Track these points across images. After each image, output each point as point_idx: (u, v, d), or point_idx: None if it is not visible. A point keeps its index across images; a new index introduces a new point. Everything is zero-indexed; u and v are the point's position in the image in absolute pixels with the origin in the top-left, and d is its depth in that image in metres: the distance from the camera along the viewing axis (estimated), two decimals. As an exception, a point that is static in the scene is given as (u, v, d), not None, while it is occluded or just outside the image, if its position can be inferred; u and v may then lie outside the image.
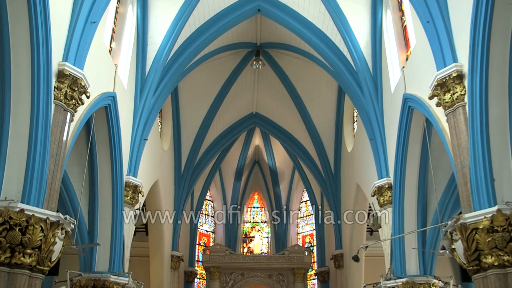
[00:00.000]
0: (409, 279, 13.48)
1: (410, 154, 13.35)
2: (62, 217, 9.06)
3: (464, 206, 9.13)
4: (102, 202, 13.76)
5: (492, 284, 8.21)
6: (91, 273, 13.51)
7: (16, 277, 8.36)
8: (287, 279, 23.48)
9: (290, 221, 29.36)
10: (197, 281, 27.13)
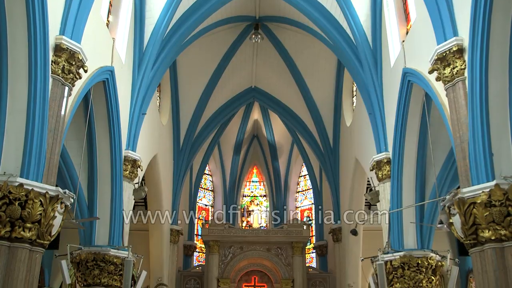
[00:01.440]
0: (406, 253, 13.58)
1: (409, 128, 13.34)
2: (61, 191, 9.09)
3: (462, 180, 9.16)
4: (101, 177, 13.77)
5: (488, 258, 8.28)
6: (91, 247, 13.60)
7: (17, 251, 8.41)
8: (286, 252, 23.68)
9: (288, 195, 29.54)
10: (196, 254, 27.37)
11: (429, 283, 13.68)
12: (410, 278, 13.48)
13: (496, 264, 8.12)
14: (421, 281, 13.50)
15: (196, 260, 27.33)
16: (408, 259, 13.54)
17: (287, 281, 23.10)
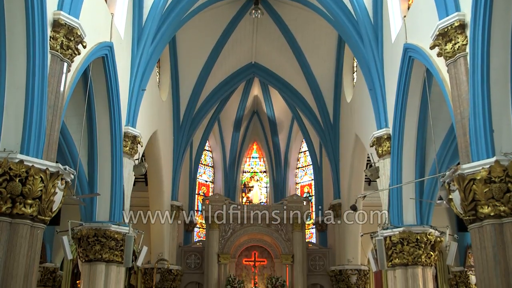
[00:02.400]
0: (405, 229, 13.67)
1: (409, 104, 13.30)
2: (62, 167, 9.11)
3: (463, 157, 9.16)
4: (101, 153, 13.79)
5: (487, 234, 8.32)
6: (92, 223, 13.68)
7: (18, 227, 8.46)
8: (286, 228, 23.81)
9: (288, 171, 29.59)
10: (196, 230, 27.52)
11: (428, 259, 13.80)
12: (409, 253, 13.60)
13: (494, 240, 8.18)
14: (420, 257, 13.62)
15: (197, 235, 27.49)
16: (407, 235, 13.63)
17: (287, 256, 23.28)
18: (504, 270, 8.01)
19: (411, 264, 13.65)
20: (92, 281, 13.45)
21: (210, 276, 23.02)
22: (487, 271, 8.23)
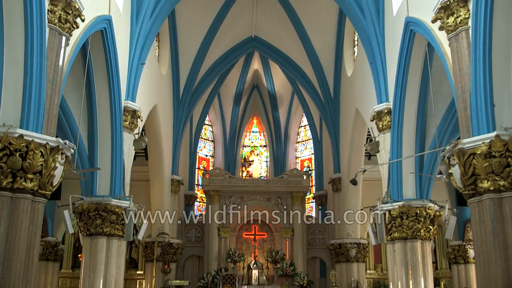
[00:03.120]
0: (405, 203, 13.73)
1: (410, 79, 13.25)
2: (62, 142, 9.10)
3: (463, 131, 9.15)
4: (101, 128, 13.78)
5: (486, 208, 8.36)
6: (92, 197, 13.75)
7: (19, 201, 8.49)
8: (286, 202, 23.89)
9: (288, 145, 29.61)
10: (197, 204, 27.64)
11: (427, 233, 13.89)
12: (409, 227, 13.68)
13: (493, 214, 8.22)
14: (419, 231, 13.71)
15: (197, 209, 27.63)
16: (406, 209, 13.70)
17: (287, 230, 23.42)
18: (502, 243, 8.07)
19: (410, 238, 13.75)
20: (93, 255, 13.57)
21: (211, 249, 23.20)
22: (486, 245, 8.28)
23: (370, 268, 24.73)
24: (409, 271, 13.71)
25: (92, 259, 13.57)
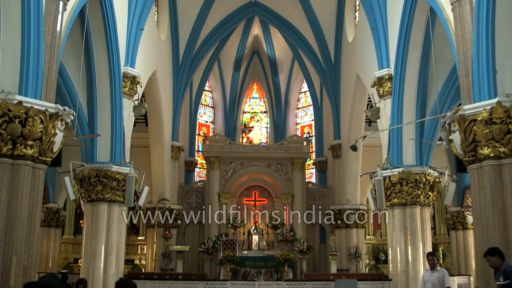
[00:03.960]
0: (405, 169, 13.78)
1: (412, 44, 13.13)
2: (61, 108, 9.08)
3: (464, 97, 9.11)
4: (100, 94, 13.72)
5: (486, 174, 8.38)
6: (93, 164, 13.79)
7: (20, 168, 8.53)
8: (286, 168, 23.97)
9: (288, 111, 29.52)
10: (197, 170, 27.72)
11: (426, 199, 13.97)
12: (408, 193, 13.76)
13: (493, 181, 8.25)
14: (418, 197, 13.79)
15: (197, 176, 27.72)
16: (406, 175, 13.75)
17: (287, 196, 23.54)
18: (501, 210, 8.12)
19: (409, 204, 13.85)
20: (95, 221, 13.68)
21: (211, 215, 23.35)
22: (485, 211, 8.34)
23: (369, 233, 24.96)
24: (408, 237, 13.85)
25: (93, 225, 13.69)
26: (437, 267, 10.13)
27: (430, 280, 9.97)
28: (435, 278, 9.92)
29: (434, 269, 10.10)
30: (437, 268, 10.11)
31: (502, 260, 7.57)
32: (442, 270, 10.18)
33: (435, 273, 10.01)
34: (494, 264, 7.59)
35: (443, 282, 9.83)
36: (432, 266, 10.14)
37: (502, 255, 7.62)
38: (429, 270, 10.22)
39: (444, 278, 9.87)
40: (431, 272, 10.12)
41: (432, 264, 10.13)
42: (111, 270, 13.62)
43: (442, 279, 9.85)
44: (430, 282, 9.95)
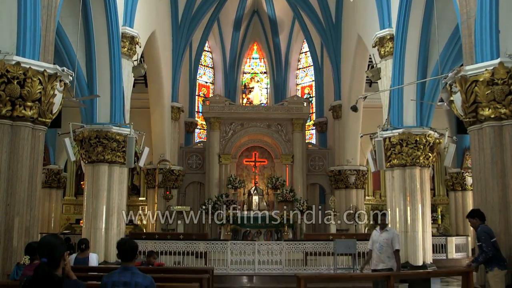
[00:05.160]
0: (405, 130, 13.76)
1: (414, 4, 12.93)
2: (60, 69, 8.99)
3: (466, 58, 9.00)
4: (99, 54, 13.58)
5: (486, 136, 8.36)
6: (93, 125, 13.76)
7: (19, 129, 8.50)
8: (286, 129, 24.00)
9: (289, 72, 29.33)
10: (197, 131, 27.75)
11: (426, 160, 14.01)
12: (408, 154, 13.78)
13: (493, 142, 8.22)
14: (418, 158, 13.82)
15: (198, 136, 27.76)
16: (406, 136, 13.75)
17: (287, 157, 23.64)
18: (500, 171, 8.13)
19: (409, 165, 13.88)
20: (95, 182, 13.74)
21: (211, 176, 23.50)
22: (484, 172, 8.35)
23: (368, 194, 25.18)
24: (407, 198, 13.93)
25: (94, 186, 13.76)
26: (387, 228, 9.57)
27: (379, 241, 9.37)
28: (383, 239, 9.34)
29: (383, 229, 9.49)
30: (386, 228, 9.54)
31: (481, 222, 8.01)
32: (392, 231, 9.63)
33: (384, 234, 9.41)
34: (474, 226, 8.12)
35: (392, 244, 9.25)
36: (381, 227, 9.55)
37: (483, 217, 8.04)
38: (379, 230, 9.56)
39: (393, 239, 9.29)
40: (380, 233, 9.49)
41: (382, 225, 9.54)
42: (112, 231, 13.76)
43: (391, 241, 9.27)
44: (378, 243, 9.36)
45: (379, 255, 9.28)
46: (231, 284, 13.71)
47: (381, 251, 9.27)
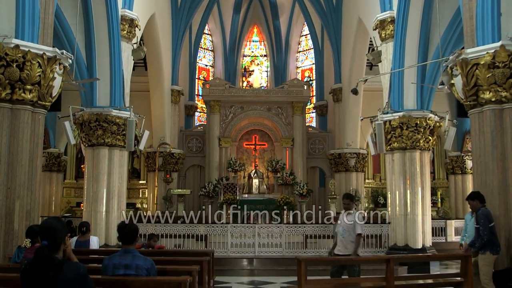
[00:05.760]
0: (405, 113, 13.75)
1: (415, -14, 12.86)
2: (59, 52, 8.95)
3: (467, 41, 8.95)
4: (98, 37, 13.51)
5: (487, 119, 8.35)
6: (93, 108, 13.74)
7: (19, 112, 8.50)
8: (286, 112, 23.97)
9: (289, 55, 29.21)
10: (197, 114, 27.71)
11: (426, 143, 14.01)
12: (408, 138, 13.78)
13: (494, 125, 8.22)
14: (418, 141, 13.82)
15: (198, 120, 27.74)
16: (407, 119, 13.74)
17: (287, 140, 23.65)
18: (500, 154, 8.13)
19: (409, 148, 13.89)
20: (96, 165, 13.76)
21: (212, 159, 23.53)
22: (484, 156, 8.35)
23: (368, 177, 25.23)
24: (407, 181, 13.96)
25: (94, 169, 13.78)
26: (350, 211, 9.05)
27: (342, 225, 8.94)
28: (347, 222, 8.90)
29: (348, 212, 9.03)
30: (350, 211, 9.03)
31: (482, 205, 8.12)
32: (356, 214, 9.04)
33: (348, 217, 8.95)
34: (474, 208, 8.25)
35: (354, 228, 8.81)
36: (345, 209, 9.10)
37: (483, 199, 8.14)
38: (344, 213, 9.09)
39: (356, 223, 8.83)
40: (344, 215, 9.03)
41: (347, 207, 9.07)
42: (113, 214, 13.80)
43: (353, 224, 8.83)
44: (342, 226, 8.93)
45: (342, 239, 8.90)
46: (232, 266, 13.77)
47: (344, 235, 8.89)
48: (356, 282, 8.18)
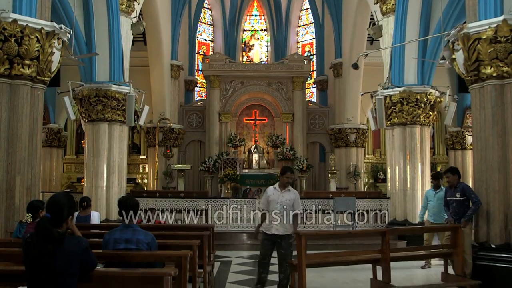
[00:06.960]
0: (406, 88, 13.70)
1: (418, -41, 12.71)
2: (57, 26, 8.87)
3: (469, 15, 8.87)
4: (97, 12, 13.38)
5: (488, 94, 8.31)
6: (92, 83, 13.68)
7: (18, 88, 8.46)
8: (286, 87, 23.88)
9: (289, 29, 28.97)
10: (197, 89, 27.62)
11: (426, 118, 13.99)
12: (408, 113, 13.75)
13: (494, 101, 8.18)
14: (418, 116, 13.80)
15: (198, 95, 27.66)
16: (407, 94, 13.69)
17: (287, 115, 23.62)
18: (501, 129, 8.11)
19: (409, 124, 13.88)
20: (96, 140, 13.76)
21: (212, 134, 23.53)
22: (484, 131, 8.34)
23: (368, 153, 25.27)
24: (407, 156, 13.98)
25: (94, 144, 13.79)
26: (289, 187, 8.05)
27: (279, 201, 7.87)
28: (286, 199, 7.89)
29: (285, 188, 8.01)
30: (289, 188, 8.03)
31: (459, 179, 9.03)
32: (294, 191, 8.11)
33: (286, 194, 7.95)
34: (453, 182, 8.96)
35: (293, 206, 7.90)
36: (284, 185, 8.01)
37: (460, 175, 9.16)
38: (278, 189, 8.01)
39: (295, 201, 7.95)
40: (280, 191, 7.97)
41: (286, 183, 8.01)
42: (113, 189, 13.85)
43: (293, 202, 7.90)
44: (279, 204, 7.87)
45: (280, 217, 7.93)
46: (232, 241, 13.87)
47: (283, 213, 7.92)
48: (354, 254, 8.26)
